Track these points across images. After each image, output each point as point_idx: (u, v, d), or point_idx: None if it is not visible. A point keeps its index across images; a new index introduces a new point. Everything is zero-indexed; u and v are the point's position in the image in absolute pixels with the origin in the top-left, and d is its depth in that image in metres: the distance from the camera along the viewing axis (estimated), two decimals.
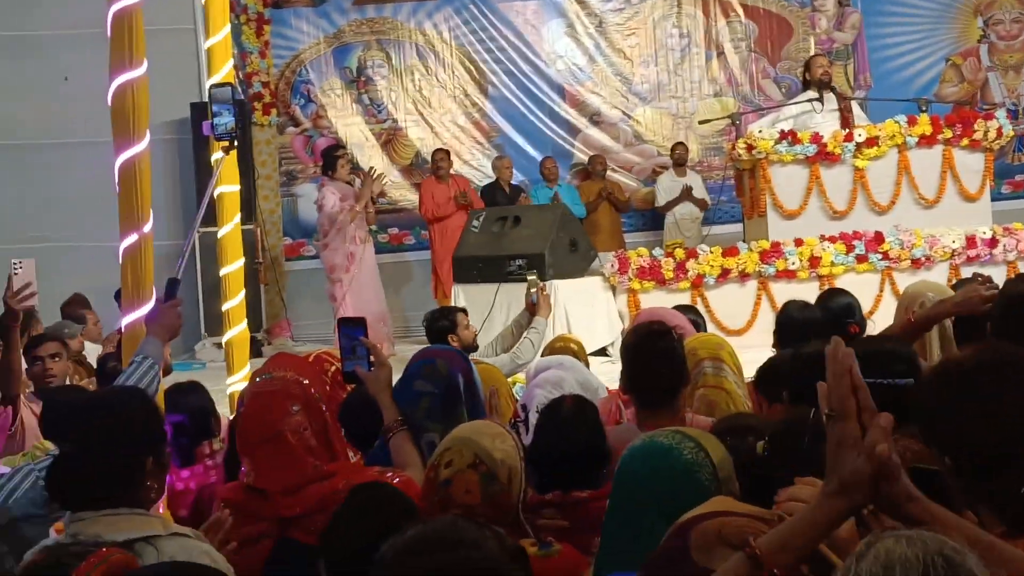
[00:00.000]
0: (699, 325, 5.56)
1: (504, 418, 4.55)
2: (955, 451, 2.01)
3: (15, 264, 4.60)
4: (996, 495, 1.95)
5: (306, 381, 3.06)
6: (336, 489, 2.89)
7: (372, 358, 3.46)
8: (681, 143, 12.52)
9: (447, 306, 7.87)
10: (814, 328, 4.61)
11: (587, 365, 5.63)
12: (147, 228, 3.90)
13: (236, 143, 4.76)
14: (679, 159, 12.27)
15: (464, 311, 6.69)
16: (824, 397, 1.79)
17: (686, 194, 11.94)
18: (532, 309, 6.88)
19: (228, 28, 6.06)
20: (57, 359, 5.48)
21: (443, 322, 6.35)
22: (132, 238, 3.87)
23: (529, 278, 7.88)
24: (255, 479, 2.94)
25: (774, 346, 4.81)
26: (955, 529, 1.76)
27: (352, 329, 3.48)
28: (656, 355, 3.55)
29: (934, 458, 2.09)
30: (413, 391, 3.46)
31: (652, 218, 12.57)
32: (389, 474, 3.09)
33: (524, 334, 6.48)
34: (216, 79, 5.83)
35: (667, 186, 12.17)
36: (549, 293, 7.36)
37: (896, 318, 4.48)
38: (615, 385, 5.12)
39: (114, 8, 3.88)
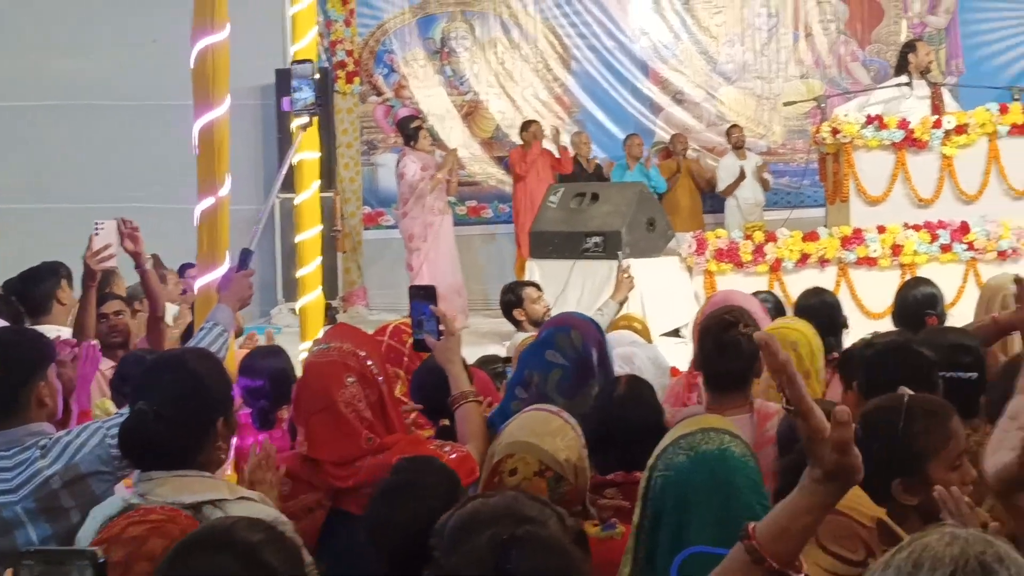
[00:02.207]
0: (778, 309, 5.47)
1: None
2: None
3: (97, 224, 4.65)
4: None
5: (363, 353, 3.05)
6: (390, 463, 2.89)
7: (441, 327, 3.45)
8: (736, 125, 12.33)
9: (518, 280, 7.85)
10: (827, 311, 5.03)
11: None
12: (224, 192, 3.94)
13: (313, 119, 4.78)
14: (737, 142, 12.09)
15: (536, 285, 6.66)
16: (781, 391, 1.77)
17: (742, 178, 11.79)
18: None
19: None
20: (121, 316, 5.53)
21: (509, 296, 6.34)
22: (208, 201, 3.91)
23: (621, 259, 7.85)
24: (309, 448, 2.96)
25: None
26: None
27: (422, 298, 3.47)
28: (724, 344, 3.49)
29: None
30: (545, 360, 3.40)
31: (723, 201, 12.40)
32: (447, 448, 3.08)
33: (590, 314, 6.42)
34: (299, 46, 5.87)
35: (730, 170, 12.01)
36: (632, 276, 7.29)
37: (977, 311, 4.41)
38: (687, 367, 5.10)
39: None
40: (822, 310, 5.15)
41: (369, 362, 3.04)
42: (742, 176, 11.79)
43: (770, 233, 9.14)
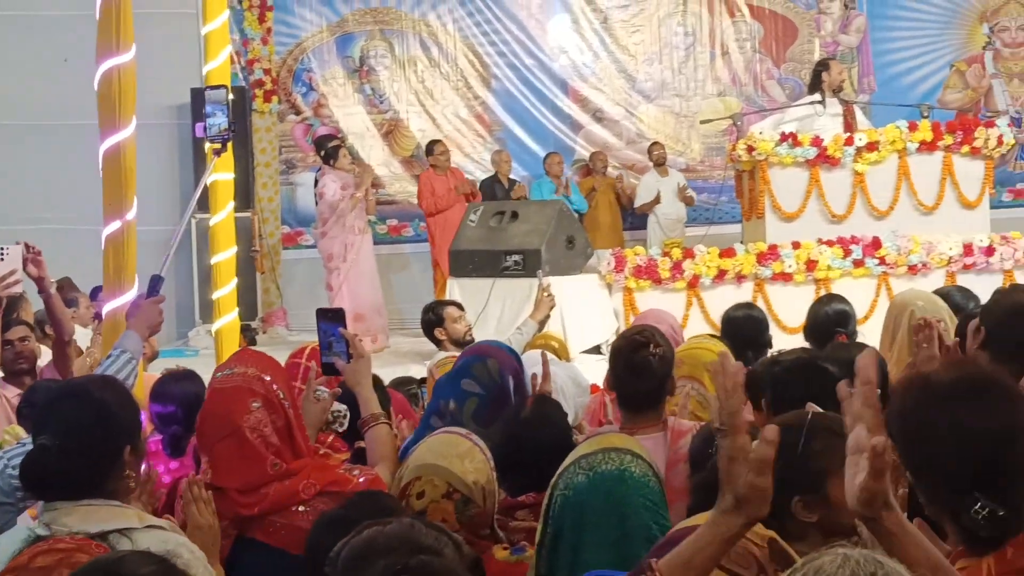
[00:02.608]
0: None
1: None
2: (915, 467, 2.00)
3: (2, 250, 4.56)
4: (960, 514, 1.93)
5: (268, 377, 3.01)
6: (296, 489, 2.86)
7: (351, 350, 3.43)
8: (657, 142, 12.44)
9: (439, 299, 7.84)
10: (754, 325, 5.16)
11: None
12: (131, 215, 3.88)
13: (227, 145, 4.74)
14: (658, 159, 12.19)
15: (457, 304, 6.64)
16: (714, 412, 1.80)
17: (656, 200, 11.88)
18: None
19: (226, 15, 6.07)
20: (26, 342, 5.41)
21: (429, 315, 6.31)
22: (115, 225, 3.85)
23: (541, 277, 7.85)
24: (213, 476, 2.91)
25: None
26: (917, 549, 1.74)
27: (330, 321, 3.45)
28: (635, 365, 3.52)
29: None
30: (461, 389, 3.43)
31: (644, 217, 12.48)
32: (356, 472, 3.06)
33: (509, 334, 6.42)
34: (212, 66, 5.83)
35: (650, 187, 12.10)
36: (552, 295, 7.27)
37: (885, 326, 4.47)
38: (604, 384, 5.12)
39: None
40: (747, 324, 5.22)
41: (275, 386, 3.00)
42: (657, 199, 11.88)
43: (688, 250, 9.23)
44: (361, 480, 2.98)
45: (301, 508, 2.87)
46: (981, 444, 1.91)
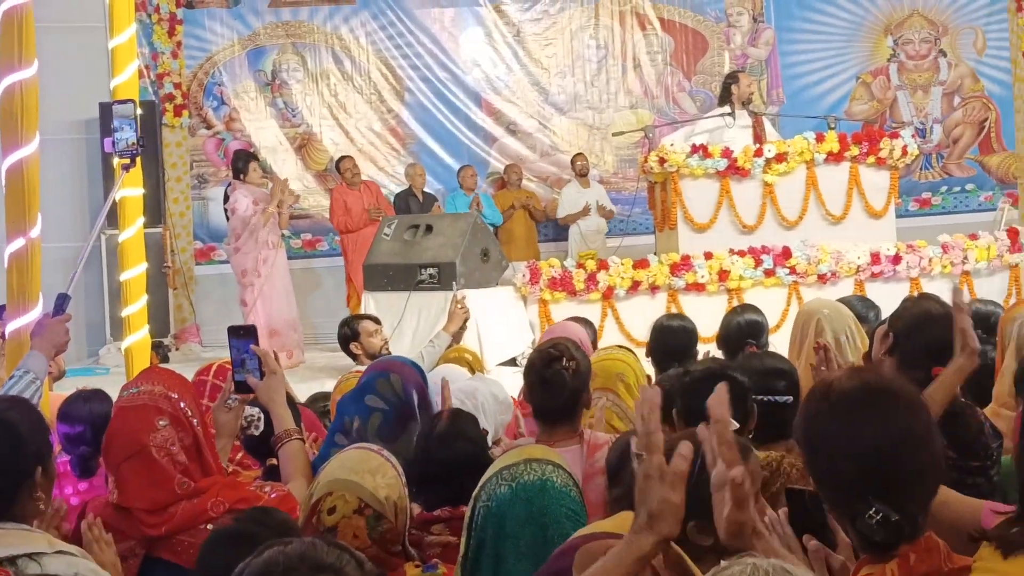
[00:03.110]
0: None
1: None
2: (818, 474, 2.04)
3: None
4: (856, 520, 1.97)
5: (175, 395, 2.97)
6: (205, 507, 2.82)
7: (263, 367, 3.40)
8: (581, 154, 12.57)
9: (355, 314, 7.81)
10: (686, 336, 5.23)
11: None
12: (35, 233, 3.81)
13: (136, 160, 4.69)
14: (581, 170, 12.33)
15: (373, 319, 6.62)
16: (636, 437, 1.83)
17: (585, 211, 12.00)
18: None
19: (134, 28, 5.98)
20: None
21: (345, 330, 6.30)
22: (18, 242, 3.77)
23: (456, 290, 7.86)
24: (119, 496, 2.87)
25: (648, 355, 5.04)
26: None
27: (242, 338, 3.41)
28: (548, 379, 3.53)
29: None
30: (365, 406, 3.41)
31: (564, 229, 12.60)
32: (267, 488, 3.04)
33: (422, 347, 6.42)
34: (120, 80, 5.75)
35: (572, 198, 12.21)
36: (466, 308, 7.27)
37: (792, 335, 4.53)
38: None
39: (3, 6, 3.79)
40: (680, 334, 5.26)
41: (182, 404, 2.96)
42: (586, 210, 11.99)
43: (602, 261, 9.28)
44: (272, 496, 2.96)
45: (210, 526, 2.83)
46: (876, 451, 1.96)
